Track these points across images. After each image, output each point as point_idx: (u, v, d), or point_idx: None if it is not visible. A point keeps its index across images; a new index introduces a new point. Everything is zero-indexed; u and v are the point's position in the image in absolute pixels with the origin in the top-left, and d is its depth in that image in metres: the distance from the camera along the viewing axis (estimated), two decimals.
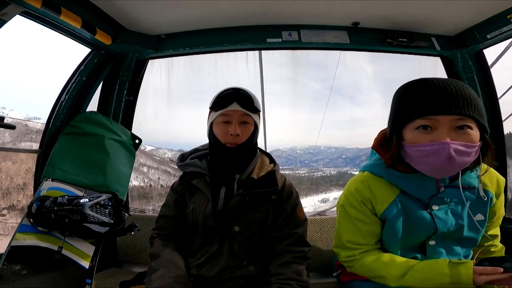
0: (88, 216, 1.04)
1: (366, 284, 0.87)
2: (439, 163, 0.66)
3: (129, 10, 1.30)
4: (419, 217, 0.76)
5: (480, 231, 0.78)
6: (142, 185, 39.98)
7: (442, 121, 0.66)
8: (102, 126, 1.41)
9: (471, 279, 0.63)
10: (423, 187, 0.76)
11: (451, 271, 0.66)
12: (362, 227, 0.82)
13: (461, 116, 0.66)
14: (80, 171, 1.28)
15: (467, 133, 0.66)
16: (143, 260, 1.41)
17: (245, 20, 1.45)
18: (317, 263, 1.30)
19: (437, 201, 0.76)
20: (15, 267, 0.99)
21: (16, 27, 1.33)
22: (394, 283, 0.73)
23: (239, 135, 0.95)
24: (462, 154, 0.65)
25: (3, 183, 18.29)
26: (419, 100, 0.68)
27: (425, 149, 0.67)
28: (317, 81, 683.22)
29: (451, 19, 1.40)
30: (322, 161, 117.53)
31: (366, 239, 0.82)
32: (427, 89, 0.69)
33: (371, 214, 0.82)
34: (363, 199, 0.82)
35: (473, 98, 0.68)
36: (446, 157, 0.65)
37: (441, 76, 0.71)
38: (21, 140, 24.79)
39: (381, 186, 0.80)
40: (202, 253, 0.96)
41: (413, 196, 0.78)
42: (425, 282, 0.69)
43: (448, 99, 0.66)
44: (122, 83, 1.57)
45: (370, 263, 0.79)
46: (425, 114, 0.67)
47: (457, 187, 0.73)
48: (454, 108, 0.65)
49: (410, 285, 0.70)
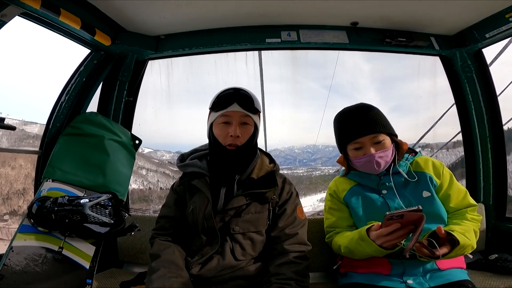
0: (88, 216, 1.04)
1: (358, 275, 1.00)
2: (372, 166, 1.01)
3: (128, 10, 1.31)
4: (374, 199, 1.04)
5: (433, 205, 0.99)
6: (142, 188, 39.98)
7: (365, 141, 1.00)
8: (102, 126, 1.42)
9: (364, 231, 0.88)
10: (369, 178, 1.07)
11: (358, 233, 0.92)
12: (334, 213, 1.11)
13: (375, 134, 0.99)
14: (80, 171, 1.28)
15: (382, 143, 1.00)
16: (144, 260, 1.41)
17: (244, 20, 1.45)
18: (317, 263, 1.30)
19: (382, 187, 1.05)
20: (16, 267, 0.99)
21: (16, 28, 1.33)
22: (344, 249, 0.98)
23: (239, 136, 0.95)
24: (382, 157, 1.00)
25: (3, 188, 18.29)
26: (346, 130, 1.03)
27: (361, 160, 1.02)
28: (315, 80, 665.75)
29: (450, 19, 1.40)
30: (320, 159, 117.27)
31: (338, 223, 1.09)
32: (348, 121, 1.03)
33: (338, 202, 1.11)
34: (332, 192, 1.14)
35: (379, 118, 1.01)
36: (374, 162, 0.99)
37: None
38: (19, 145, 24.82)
39: (343, 182, 1.13)
40: (202, 253, 0.96)
41: (366, 185, 1.08)
42: (351, 242, 0.95)
43: (362, 125, 0.99)
44: (122, 84, 1.57)
45: (337, 238, 1.05)
46: (353, 139, 1.01)
47: (389, 174, 1.04)
48: (369, 130, 0.99)
49: (349, 247, 0.96)
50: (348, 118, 1.03)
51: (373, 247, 0.86)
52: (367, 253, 0.91)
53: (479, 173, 1.55)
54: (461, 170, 1.20)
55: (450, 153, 20.49)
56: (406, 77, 47.21)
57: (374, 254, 0.90)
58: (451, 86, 1.64)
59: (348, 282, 1.02)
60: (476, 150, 1.56)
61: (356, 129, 1.00)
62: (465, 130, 1.62)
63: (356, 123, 1.00)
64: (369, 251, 0.89)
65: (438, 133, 2.81)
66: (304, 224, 1.03)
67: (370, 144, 1.00)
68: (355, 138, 1.00)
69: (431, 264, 0.95)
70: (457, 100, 1.64)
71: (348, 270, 1.05)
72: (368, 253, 0.91)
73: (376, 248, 0.85)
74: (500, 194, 1.51)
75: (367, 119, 1.00)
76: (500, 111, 1.53)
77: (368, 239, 0.87)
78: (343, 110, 1.07)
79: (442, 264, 0.95)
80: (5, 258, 0.98)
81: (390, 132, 1.02)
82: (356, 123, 1.00)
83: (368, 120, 0.99)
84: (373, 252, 0.89)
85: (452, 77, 1.62)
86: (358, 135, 1.00)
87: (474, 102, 1.54)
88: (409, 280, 0.92)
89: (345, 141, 1.04)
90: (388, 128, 1.02)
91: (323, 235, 1.31)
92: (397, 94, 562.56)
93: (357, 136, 1.00)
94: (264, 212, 0.99)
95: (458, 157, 19.07)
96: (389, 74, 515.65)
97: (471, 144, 1.59)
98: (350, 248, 0.96)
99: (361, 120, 1.00)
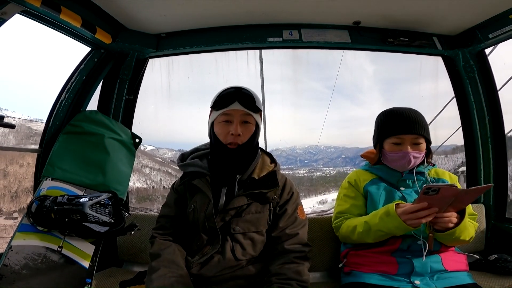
0: (88, 215, 1.04)
1: (363, 274, 1.01)
2: (404, 162, 1.07)
3: (129, 9, 1.30)
4: (393, 194, 1.09)
5: None
6: (145, 186, 40.08)
7: (406, 138, 1.06)
8: (102, 125, 1.41)
9: (393, 205, 0.94)
10: (391, 174, 1.13)
11: (385, 209, 0.96)
12: (348, 200, 1.15)
13: (416, 135, 1.05)
14: (80, 170, 1.28)
15: (420, 146, 1.07)
16: (144, 259, 1.41)
17: (245, 19, 1.45)
18: (318, 263, 1.30)
19: (402, 183, 1.11)
20: (15, 267, 0.98)
21: (17, 26, 1.32)
22: (360, 228, 1.02)
23: (240, 135, 0.95)
24: (416, 157, 1.06)
25: (12, 186, 18.34)
26: (392, 125, 1.08)
27: (396, 155, 1.08)
28: (317, 80, 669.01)
29: (452, 19, 1.39)
30: (321, 160, 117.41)
31: (350, 210, 1.13)
32: (396, 117, 1.08)
33: (356, 191, 1.16)
34: (352, 181, 1.18)
35: (423, 122, 1.08)
36: (408, 159, 1.06)
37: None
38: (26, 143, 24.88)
39: (365, 173, 1.18)
40: (202, 252, 0.96)
41: (386, 180, 1.13)
42: (373, 218, 0.99)
43: (409, 124, 1.06)
44: (122, 82, 1.56)
45: (350, 221, 1.09)
46: (396, 134, 1.07)
47: (412, 173, 1.10)
48: (413, 130, 1.05)
49: (369, 223, 0.99)
50: (397, 115, 1.09)
51: (396, 222, 0.90)
52: (388, 228, 0.94)
53: (480, 173, 1.55)
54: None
55: (448, 159, 20.35)
56: (408, 78, 45.94)
57: (394, 232, 0.94)
58: (453, 86, 1.64)
59: (352, 281, 1.02)
60: (477, 150, 1.56)
61: (402, 126, 1.06)
62: (467, 130, 1.62)
63: (403, 121, 1.06)
64: (391, 226, 0.93)
65: (439, 134, 2.80)
66: (305, 224, 1.02)
67: (409, 143, 1.06)
68: (399, 133, 1.06)
69: (438, 264, 0.96)
70: (459, 100, 1.63)
71: (353, 269, 1.05)
72: (389, 229, 0.94)
73: (400, 224, 0.89)
74: (500, 195, 1.51)
75: (414, 120, 1.06)
76: (502, 112, 1.53)
77: (395, 213, 0.91)
78: (392, 108, 1.13)
79: (448, 265, 0.96)
80: (4, 258, 0.98)
81: (428, 138, 1.09)
82: (403, 121, 1.06)
83: (415, 121, 1.06)
84: (395, 229, 0.93)
85: (454, 78, 1.61)
86: (402, 131, 1.06)
87: (475, 102, 1.54)
88: (416, 280, 0.93)
89: (387, 134, 1.09)
90: (428, 134, 1.09)
91: (324, 234, 1.31)
92: (400, 95, 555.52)
93: (401, 132, 1.06)
94: (265, 212, 0.98)
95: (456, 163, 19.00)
96: (392, 76, 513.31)
97: (472, 144, 1.59)
98: (370, 224, 0.99)
99: (408, 119, 1.06)
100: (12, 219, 16.00)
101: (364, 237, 1.02)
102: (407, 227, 0.89)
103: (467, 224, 0.93)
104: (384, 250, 1.01)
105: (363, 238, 1.02)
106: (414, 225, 0.88)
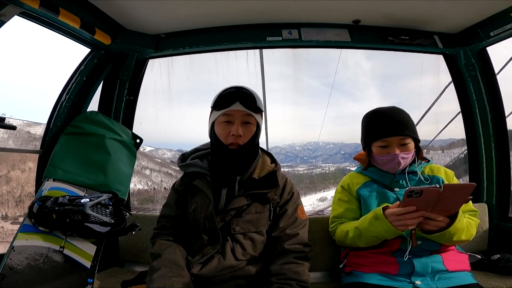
0: (89, 216, 1.04)
1: (364, 274, 1.00)
2: (393, 164, 1.06)
3: (128, 9, 1.30)
4: (387, 195, 1.08)
5: None
6: (146, 188, 40.25)
7: (392, 141, 1.05)
8: (103, 125, 1.41)
9: (380, 209, 0.94)
10: (384, 175, 1.12)
11: (373, 213, 0.97)
12: (343, 204, 1.15)
13: (403, 136, 1.04)
14: (81, 171, 1.28)
15: (407, 146, 1.05)
16: (145, 259, 1.41)
17: (245, 18, 1.44)
18: (318, 263, 1.30)
19: (395, 184, 1.10)
20: (17, 267, 0.99)
21: (16, 28, 1.34)
22: (351, 233, 1.03)
23: (241, 136, 0.95)
24: (405, 158, 1.05)
25: (15, 191, 18.45)
26: (377, 128, 1.07)
27: (385, 158, 1.07)
28: (316, 78, 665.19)
29: (454, 17, 1.38)
30: (321, 157, 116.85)
31: (345, 214, 1.14)
32: (381, 119, 1.07)
33: (349, 195, 1.16)
34: (345, 185, 1.18)
35: (408, 122, 1.06)
36: (397, 161, 1.05)
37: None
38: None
39: (358, 176, 1.18)
40: (203, 253, 0.96)
41: (380, 182, 1.12)
42: (363, 223, 1.00)
43: (394, 126, 1.04)
44: (123, 82, 1.56)
45: (344, 225, 1.10)
46: (382, 137, 1.06)
47: (404, 173, 1.09)
48: (399, 132, 1.03)
49: (360, 228, 1.00)
50: (380, 117, 1.07)
51: (385, 225, 0.90)
52: (378, 232, 0.94)
53: (482, 172, 1.54)
54: (456, 171, 1.21)
55: (445, 154, 20.10)
56: (408, 75, 46.33)
57: (384, 235, 0.94)
58: (455, 84, 1.63)
59: (352, 281, 1.02)
60: (480, 149, 1.55)
61: (387, 128, 1.04)
62: (469, 129, 1.61)
63: (387, 123, 1.05)
64: (380, 230, 0.92)
65: (440, 129, 2.75)
66: (305, 225, 1.02)
67: (396, 145, 1.05)
68: (384, 136, 1.05)
69: (440, 264, 0.95)
70: (461, 99, 1.62)
71: (353, 269, 1.05)
72: (379, 233, 0.94)
73: (389, 227, 0.89)
74: (503, 194, 1.49)
75: (399, 121, 1.04)
76: (504, 110, 1.52)
77: (383, 216, 0.91)
78: (376, 109, 1.11)
79: (450, 265, 0.96)
80: (7, 258, 0.99)
81: (415, 137, 1.07)
82: (388, 123, 1.05)
83: (399, 122, 1.04)
84: (384, 232, 0.92)
85: (455, 76, 1.60)
86: (388, 134, 1.04)
87: (478, 101, 1.53)
88: (417, 281, 0.92)
89: (373, 138, 1.08)
90: (415, 133, 1.07)
91: (324, 234, 1.31)
92: (399, 91, 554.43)
93: (387, 135, 1.04)
94: (265, 213, 0.98)
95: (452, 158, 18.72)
96: (389, 72, 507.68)
97: (474, 143, 1.58)
98: (360, 229, 0.99)
99: (393, 121, 1.05)
100: (19, 224, 16.20)
101: (356, 242, 1.02)
102: (396, 231, 0.89)
103: (460, 227, 0.91)
104: (385, 251, 1.01)
105: (356, 242, 1.03)
106: (402, 228, 0.88)
